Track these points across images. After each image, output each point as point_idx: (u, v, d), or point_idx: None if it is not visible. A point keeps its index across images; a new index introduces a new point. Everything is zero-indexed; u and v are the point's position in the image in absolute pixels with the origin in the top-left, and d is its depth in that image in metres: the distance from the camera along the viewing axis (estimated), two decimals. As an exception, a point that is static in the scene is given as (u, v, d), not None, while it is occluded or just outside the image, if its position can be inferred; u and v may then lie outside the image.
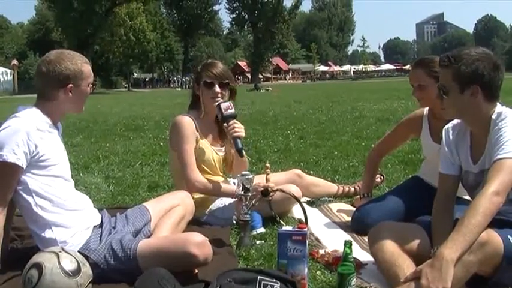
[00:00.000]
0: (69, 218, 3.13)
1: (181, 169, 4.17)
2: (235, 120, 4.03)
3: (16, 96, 50.39)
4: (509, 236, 2.70)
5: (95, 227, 3.26)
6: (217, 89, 4.18)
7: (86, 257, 2.96)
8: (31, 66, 65.27)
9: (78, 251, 3.00)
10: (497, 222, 2.74)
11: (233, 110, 4.04)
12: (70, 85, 3.12)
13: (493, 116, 2.88)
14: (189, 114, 4.27)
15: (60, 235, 3.07)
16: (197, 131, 4.23)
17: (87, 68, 3.21)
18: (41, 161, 3.03)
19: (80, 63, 3.17)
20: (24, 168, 2.98)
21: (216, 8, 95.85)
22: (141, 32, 73.06)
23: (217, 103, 4.08)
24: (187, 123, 4.20)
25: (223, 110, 4.02)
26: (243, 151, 4.07)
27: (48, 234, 3.07)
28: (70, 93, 3.14)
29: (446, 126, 3.20)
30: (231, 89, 4.30)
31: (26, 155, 2.95)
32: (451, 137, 3.13)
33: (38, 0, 78.80)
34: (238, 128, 4.02)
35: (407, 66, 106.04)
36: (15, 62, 65.24)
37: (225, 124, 4.05)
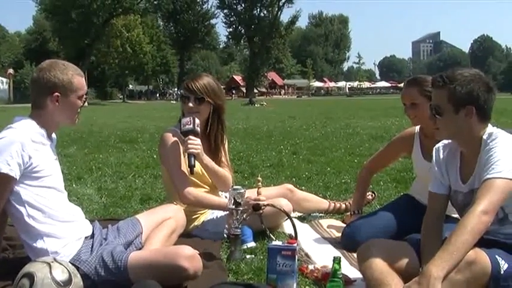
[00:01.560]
0: (61, 228, 3.14)
1: (172, 182, 4.19)
2: (190, 137, 4.00)
3: (11, 105, 50.29)
4: (497, 256, 2.72)
5: (86, 238, 3.26)
6: (190, 104, 4.17)
7: (77, 268, 2.97)
8: (27, 76, 64.96)
9: (69, 262, 3.01)
10: (486, 242, 2.76)
11: (191, 126, 4.00)
12: (56, 93, 3.11)
13: (484, 136, 2.90)
14: (175, 128, 4.29)
15: (51, 246, 3.08)
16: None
17: (78, 79, 3.18)
18: (34, 172, 3.05)
19: (70, 74, 3.15)
20: (18, 179, 2.99)
21: (213, 21, 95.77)
22: (138, 44, 73.28)
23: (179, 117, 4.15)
24: (173, 137, 4.21)
25: (181, 125, 4.04)
26: (193, 169, 4.03)
27: (39, 244, 3.08)
28: (57, 103, 3.13)
29: (437, 146, 3.22)
30: (215, 105, 4.25)
31: (20, 166, 2.97)
32: (441, 156, 3.15)
33: (36, 9, 78.89)
34: (193, 145, 3.99)
35: (403, 84, 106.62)
36: (11, 71, 65.13)
37: (183, 138, 4.06)
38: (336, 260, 2.87)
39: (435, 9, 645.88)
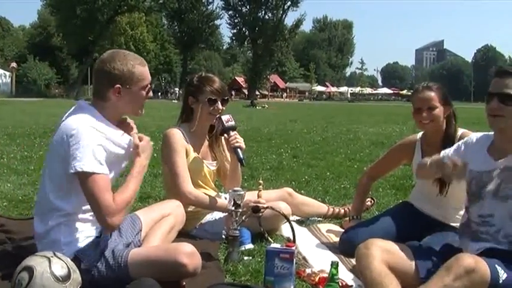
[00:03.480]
0: (79, 221, 3.12)
1: (172, 182, 4.19)
2: (236, 132, 4.14)
3: (13, 98, 50.38)
4: (496, 266, 2.73)
5: (96, 237, 3.24)
6: (220, 105, 4.24)
7: (79, 263, 2.99)
8: (30, 70, 65.39)
9: (75, 254, 3.03)
10: (488, 251, 2.79)
11: (233, 122, 4.15)
12: (117, 85, 3.08)
13: None
14: (179, 128, 4.31)
15: (64, 235, 3.07)
16: (188, 144, 4.27)
17: (139, 69, 3.15)
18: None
19: (131, 65, 3.11)
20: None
21: (217, 22, 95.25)
22: (141, 42, 73.42)
23: (217, 116, 4.20)
24: (177, 136, 4.24)
25: (224, 122, 4.12)
26: (244, 161, 4.18)
27: (54, 225, 3.06)
28: (119, 95, 3.10)
29: (469, 137, 3.28)
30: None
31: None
32: (469, 147, 3.19)
33: (41, 4, 79.03)
34: (238, 139, 4.13)
35: (405, 91, 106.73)
36: (14, 64, 65.22)
37: (225, 135, 4.16)
38: (334, 265, 2.88)
39: (439, 18, 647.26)
